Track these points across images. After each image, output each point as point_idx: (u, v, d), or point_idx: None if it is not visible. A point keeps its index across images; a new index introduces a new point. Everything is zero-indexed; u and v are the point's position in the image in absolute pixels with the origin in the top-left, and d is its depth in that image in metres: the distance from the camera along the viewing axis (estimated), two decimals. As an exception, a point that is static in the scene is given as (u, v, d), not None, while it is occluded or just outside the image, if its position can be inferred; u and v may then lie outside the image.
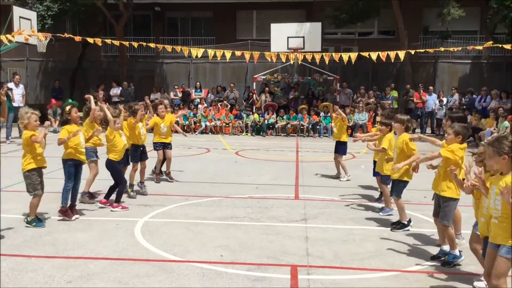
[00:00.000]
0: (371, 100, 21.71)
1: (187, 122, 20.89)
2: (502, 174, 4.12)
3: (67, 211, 7.26)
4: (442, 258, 5.81)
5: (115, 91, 22.92)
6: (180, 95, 23.17)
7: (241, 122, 20.82)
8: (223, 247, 6.26)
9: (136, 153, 9.08)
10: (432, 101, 21.48)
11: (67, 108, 7.39)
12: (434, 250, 6.18)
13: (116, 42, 18.27)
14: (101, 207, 7.97)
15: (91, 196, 8.40)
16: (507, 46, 17.25)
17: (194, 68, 26.89)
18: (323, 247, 6.35)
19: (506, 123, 15.97)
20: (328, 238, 6.71)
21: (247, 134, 20.36)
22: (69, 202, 7.36)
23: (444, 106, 21.08)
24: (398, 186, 7.13)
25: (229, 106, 21.63)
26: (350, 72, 24.35)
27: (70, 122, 7.34)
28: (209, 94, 23.43)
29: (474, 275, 5.35)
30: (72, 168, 7.30)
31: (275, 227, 7.17)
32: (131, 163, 9.09)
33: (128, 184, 8.82)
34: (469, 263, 5.66)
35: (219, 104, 21.60)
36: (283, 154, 14.97)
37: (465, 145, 5.80)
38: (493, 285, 4.06)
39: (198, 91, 23.38)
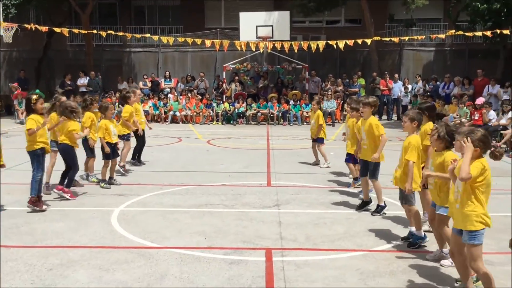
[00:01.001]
0: (340, 88, 22.11)
1: (157, 112, 20.86)
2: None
3: (38, 201, 7.30)
4: (410, 238, 6.15)
5: (82, 81, 22.66)
6: (149, 84, 23.05)
7: (211, 111, 20.92)
8: (199, 233, 6.45)
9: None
10: (397, 88, 22.03)
11: (34, 97, 7.39)
12: (401, 231, 6.53)
13: (84, 31, 18.03)
14: (60, 196, 8.00)
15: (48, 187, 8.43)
16: (469, 34, 17.86)
17: (163, 57, 26.74)
18: (295, 230, 6.62)
19: (465, 109, 16.57)
20: (300, 222, 6.98)
21: (217, 123, 20.48)
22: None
23: (409, 93, 21.67)
24: (373, 167, 7.43)
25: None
26: (319, 60, 24.69)
27: (34, 112, 7.36)
28: (179, 84, 23.40)
29: (428, 252, 5.69)
30: (41, 157, 7.35)
31: (249, 213, 7.40)
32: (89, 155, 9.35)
33: (100, 179, 9.01)
34: (435, 242, 6.00)
35: (189, 93, 21.62)
36: (254, 142, 15.20)
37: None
38: (473, 269, 4.39)
39: (168, 81, 23.32)
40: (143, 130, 10.96)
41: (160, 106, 20.90)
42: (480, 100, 16.03)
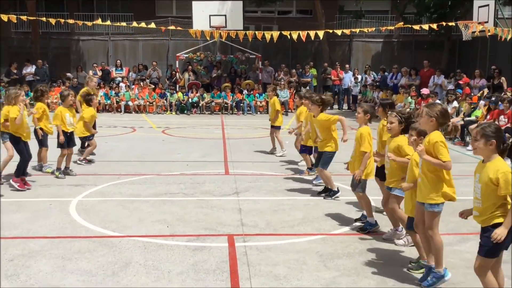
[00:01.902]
0: (293, 78, 22.41)
1: (108, 102, 20.48)
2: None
3: None
4: (363, 222, 6.43)
5: (29, 69, 21.91)
6: (99, 73, 22.54)
7: (165, 101, 20.74)
8: (160, 221, 6.49)
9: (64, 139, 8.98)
10: (348, 78, 22.59)
11: None
12: (356, 215, 6.81)
13: (32, 18, 17.40)
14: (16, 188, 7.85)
15: None
16: (416, 27, 18.52)
17: (113, 46, 26.21)
18: (255, 217, 6.78)
19: (409, 99, 17.23)
20: (260, 209, 7.15)
21: (171, 113, 20.34)
22: None
23: (359, 83, 22.28)
24: (326, 157, 7.70)
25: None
26: (271, 50, 24.91)
27: None
28: (131, 73, 23.03)
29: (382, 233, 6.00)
30: None
31: (209, 201, 7.50)
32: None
33: (55, 167, 8.86)
34: (388, 225, 6.30)
35: (141, 83, 21.33)
36: (209, 132, 15.24)
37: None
38: (428, 235, 4.66)
39: (119, 70, 22.90)
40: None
41: (112, 96, 20.52)
42: (425, 91, 16.70)
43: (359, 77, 22.64)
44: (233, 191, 8.14)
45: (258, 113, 20.65)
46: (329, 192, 7.80)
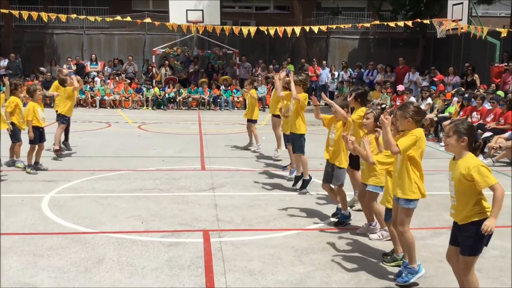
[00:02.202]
0: (271, 74, 22.39)
1: (83, 96, 20.17)
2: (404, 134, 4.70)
3: None
4: (338, 216, 6.48)
5: (2, 63, 21.42)
6: (74, 68, 22.17)
7: (141, 96, 20.53)
8: (135, 217, 6.43)
9: (35, 134, 8.82)
10: (325, 75, 22.71)
11: None
12: (331, 210, 6.84)
13: (5, 11, 17.02)
14: None
15: None
16: (392, 24, 18.72)
17: (88, 40, 25.80)
18: (231, 212, 6.77)
19: (385, 95, 17.42)
20: (236, 204, 7.14)
21: (147, 108, 20.15)
22: None
23: (335, 80, 22.42)
24: (298, 141, 7.72)
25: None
26: (249, 46, 24.86)
27: None
28: (106, 67, 22.72)
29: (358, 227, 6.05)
30: None
31: (185, 197, 7.46)
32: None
33: (26, 164, 8.72)
34: (362, 219, 6.36)
35: (117, 77, 21.06)
36: (186, 127, 15.15)
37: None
38: (399, 231, 4.71)
39: (94, 64, 22.57)
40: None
41: (86, 90, 20.21)
42: (401, 87, 16.90)
43: (336, 73, 22.78)
44: (209, 186, 8.11)
45: (236, 108, 20.60)
46: (302, 182, 7.83)
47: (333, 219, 6.52)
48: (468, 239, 3.91)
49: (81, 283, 4.54)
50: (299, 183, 7.93)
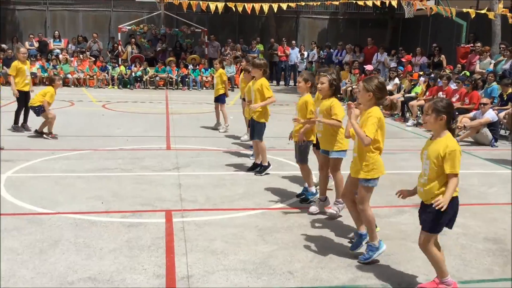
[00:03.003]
0: (239, 53, 22.15)
1: (46, 74, 19.52)
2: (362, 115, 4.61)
3: None
4: (304, 194, 6.44)
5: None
6: (36, 45, 21.44)
7: (106, 75, 20.02)
8: (95, 198, 6.23)
9: None
10: (294, 55, 22.60)
11: None
12: (297, 190, 6.79)
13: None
14: None
15: None
16: (360, 3, 18.65)
17: (51, 16, 24.91)
18: (195, 192, 6.64)
19: (353, 76, 17.45)
20: (200, 184, 7.01)
21: (113, 87, 19.67)
22: None
23: (305, 60, 22.33)
24: (258, 128, 7.53)
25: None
26: (218, 25, 24.48)
27: None
28: (70, 45, 22.03)
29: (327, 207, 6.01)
30: None
31: (148, 177, 7.28)
32: None
33: None
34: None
35: (81, 55, 20.45)
36: (152, 107, 14.85)
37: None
38: (359, 209, 4.67)
39: (57, 41, 21.85)
40: (26, 93, 10.31)
41: (49, 68, 19.57)
42: (369, 67, 16.94)
43: (305, 53, 22.68)
44: (173, 166, 7.94)
45: (204, 88, 20.33)
46: (259, 167, 7.68)
47: (299, 199, 6.46)
48: (429, 215, 3.91)
49: (35, 265, 4.35)
50: (258, 169, 7.73)
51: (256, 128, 7.57)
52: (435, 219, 3.87)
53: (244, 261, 4.59)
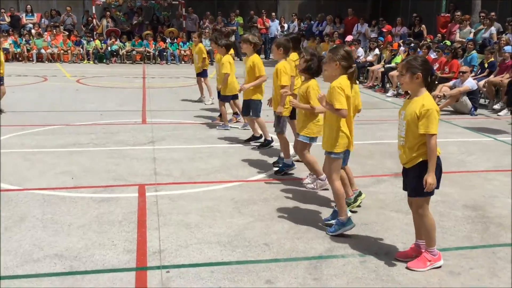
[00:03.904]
0: (219, 26, 21.71)
1: (19, 50, 18.95)
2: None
3: None
4: (280, 165, 6.29)
5: None
6: (8, 20, 20.73)
7: (81, 49, 19.49)
8: (65, 173, 6.01)
9: None
10: (274, 27, 22.23)
11: None
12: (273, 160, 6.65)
13: None
14: None
15: None
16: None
17: (23, -10, 24.06)
18: (170, 166, 6.45)
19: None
20: (176, 158, 6.82)
21: (88, 62, 19.18)
22: None
23: (285, 32, 21.97)
24: (253, 105, 7.26)
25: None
26: (196, -3, 23.94)
27: None
28: (43, 19, 21.35)
29: (303, 179, 5.88)
30: None
31: (122, 151, 7.06)
32: None
33: None
34: (303, 169, 6.18)
35: (54, 29, 19.84)
36: (129, 81, 14.50)
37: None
38: (329, 182, 4.55)
39: (30, 15, 21.15)
40: None
41: (22, 44, 18.98)
42: (349, 38, 16.73)
43: (286, 25, 22.34)
44: (148, 140, 7.72)
45: (183, 62, 19.95)
46: (264, 142, 7.47)
47: (275, 169, 6.32)
48: (413, 180, 3.78)
49: (-2, 243, 4.16)
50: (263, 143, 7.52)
51: (251, 106, 7.26)
52: (419, 182, 3.70)
53: (219, 234, 4.45)
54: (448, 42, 13.94)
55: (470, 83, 10.61)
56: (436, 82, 11.25)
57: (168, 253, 4.06)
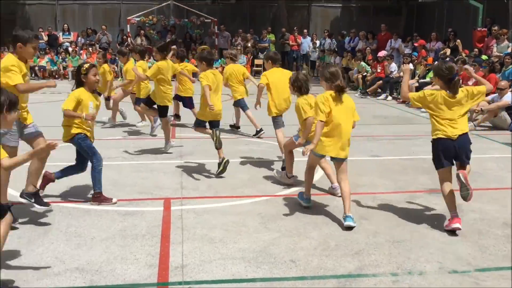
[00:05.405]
0: (250, 43, 21.82)
1: (55, 68, 19.43)
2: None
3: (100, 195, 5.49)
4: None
5: (-31, 34, 20.54)
6: (45, 38, 21.36)
7: (115, 67, 19.82)
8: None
9: None
10: (306, 44, 22.16)
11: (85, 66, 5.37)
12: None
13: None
14: None
15: None
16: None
17: (61, 10, 24.80)
18: (197, 180, 6.36)
19: (363, 63, 17.00)
20: (203, 172, 6.73)
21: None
22: None
23: (317, 49, 21.87)
24: (242, 103, 9.23)
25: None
26: (228, 15, 24.15)
27: (85, 86, 5.36)
28: (79, 38, 21.90)
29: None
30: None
31: (149, 165, 7.02)
32: None
33: None
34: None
35: (90, 48, 20.31)
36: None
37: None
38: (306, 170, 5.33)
39: (67, 34, 21.75)
40: None
41: (58, 62, 19.46)
42: (382, 53, 16.46)
43: (318, 42, 22.23)
44: (177, 154, 7.68)
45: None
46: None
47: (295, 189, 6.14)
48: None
49: (21, 255, 4.11)
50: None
51: (240, 105, 9.29)
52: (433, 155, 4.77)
53: (244, 250, 4.30)
54: (486, 57, 13.53)
55: (509, 97, 10.22)
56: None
57: (190, 269, 3.93)
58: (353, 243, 4.43)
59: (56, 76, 19.36)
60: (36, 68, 19.80)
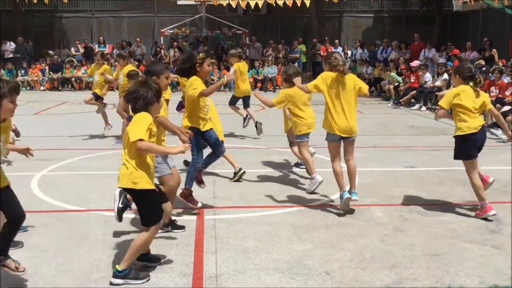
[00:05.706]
0: (281, 54, 21.85)
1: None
2: None
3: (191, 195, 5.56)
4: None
5: (7, 46, 21.21)
6: (82, 50, 21.91)
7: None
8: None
9: None
10: (337, 54, 22.00)
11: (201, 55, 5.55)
12: (336, 188, 6.39)
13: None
14: None
15: None
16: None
17: (97, 23, 25.44)
18: (229, 189, 6.37)
19: (392, 74, 16.78)
20: (235, 182, 6.73)
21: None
22: None
23: (349, 59, 21.72)
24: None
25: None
26: (260, 27, 24.29)
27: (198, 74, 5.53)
28: (114, 50, 22.35)
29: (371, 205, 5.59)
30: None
31: (183, 174, 7.04)
32: None
33: None
34: (366, 195, 5.88)
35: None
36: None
37: None
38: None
39: (102, 46, 22.20)
40: None
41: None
42: (415, 63, 16.22)
43: (349, 52, 22.10)
44: (209, 164, 7.70)
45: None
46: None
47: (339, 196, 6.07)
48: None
49: (58, 262, 4.18)
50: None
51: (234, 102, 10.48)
52: (455, 149, 5.53)
53: (278, 260, 4.26)
54: (523, 66, 13.16)
55: (549, 107, 9.91)
56: (510, 108, 10.62)
57: (224, 278, 3.92)
58: (389, 256, 4.34)
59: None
60: (73, 79, 20.30)
